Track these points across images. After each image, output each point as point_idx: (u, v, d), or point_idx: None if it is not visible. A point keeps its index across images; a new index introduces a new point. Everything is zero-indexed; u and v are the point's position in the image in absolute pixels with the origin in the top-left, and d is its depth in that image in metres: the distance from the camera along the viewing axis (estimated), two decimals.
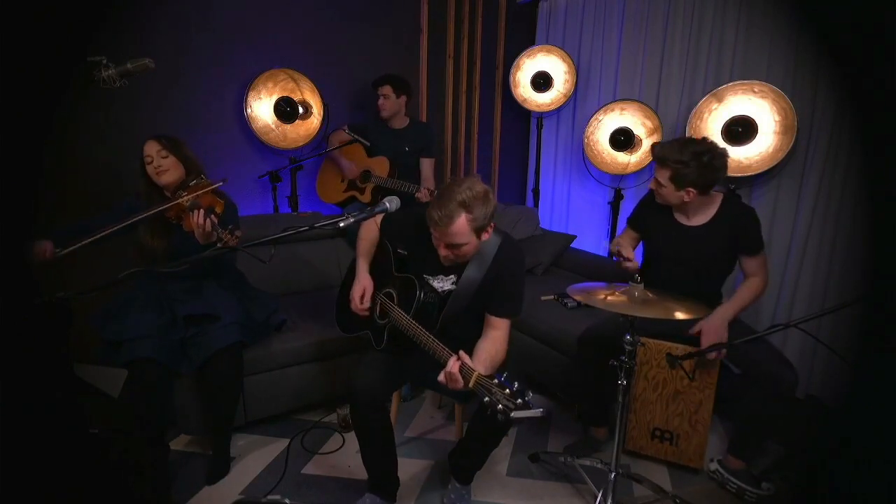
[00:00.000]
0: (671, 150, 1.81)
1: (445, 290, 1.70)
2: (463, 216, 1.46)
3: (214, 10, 2.68)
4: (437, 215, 1.47)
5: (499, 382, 1.27)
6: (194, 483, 1.91)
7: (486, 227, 1.54)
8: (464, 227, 1.48)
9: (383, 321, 1.77)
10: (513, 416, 1.21)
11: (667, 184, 1.85)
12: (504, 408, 1.22)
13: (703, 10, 2.75)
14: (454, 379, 1.38)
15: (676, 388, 1.95)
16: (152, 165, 1.87)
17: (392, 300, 1.77)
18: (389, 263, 1.85)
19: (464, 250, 1.54)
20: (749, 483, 1.86)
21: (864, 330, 2.11)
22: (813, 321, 1.58)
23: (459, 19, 3.47)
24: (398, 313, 1.68)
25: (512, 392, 1.24)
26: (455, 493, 1.83)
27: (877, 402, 1.44)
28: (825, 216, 2.38)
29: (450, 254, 1.55)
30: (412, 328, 1.60)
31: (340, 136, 2.87)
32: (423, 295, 1.65)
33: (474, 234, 1.52)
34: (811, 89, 2.38)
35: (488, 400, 1.26)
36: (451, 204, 1.46)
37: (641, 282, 1.69)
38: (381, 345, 1.74)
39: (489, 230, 1.57)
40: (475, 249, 1.58)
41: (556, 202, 3.77)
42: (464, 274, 1.65)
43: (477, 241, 1.55)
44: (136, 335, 1.80)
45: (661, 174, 1.85)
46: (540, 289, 2.73)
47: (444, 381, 1.40)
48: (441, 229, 1.49)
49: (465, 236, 1.50)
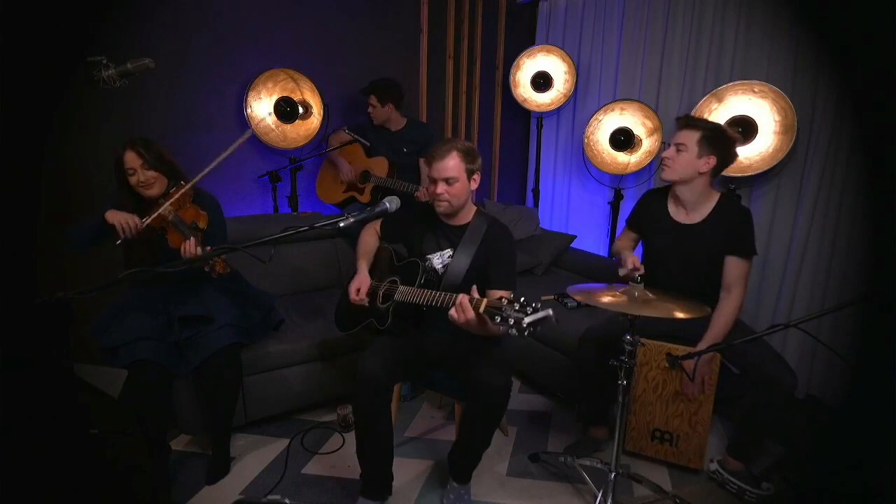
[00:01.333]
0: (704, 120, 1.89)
1: (444, 265, 1.82)
2: (457, 153, 1.73)
3: (214, 10, 2.68)
4: (438, 151, 1.73)
5: (507, 301, 1.36)
6: (194, 483, 1.91)
7: (474, 173, 1.77)
8: (458, 163, 1.72)
9: (386, 304, 1.82)
10: (526, 321, 1.28)
11: (692, 146, 1.84)
12: (516, 320, 1.30)
13: (703, 10, 2.75)
14: (465, 308, 1.48)
15: (676, 388, 1.95)
16: (136, 178, 1.79)
17: (396, 285, 1.83)
18: (390, 259, 1.95)
19: (456, 188, 1.74)
20: (749, 483, 1.85)
21: (864, 330, 2.11)
22: (813, 321, 1.58)
23: (459, 19, 3.47)
24: (403, 287, 1.78)
25: (520, 305, 1.32)
26: (454, 492, 1.83)
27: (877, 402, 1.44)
28: (825, 216, 2.38)
29: (444, 191, 1.73)
30: (417, 293, 1.71)
31: (340, 137, 2.87)
32: (424, 276, 1.79)
33: (465, 174, 1.74)
34: (811, 89, 2.38)
35: (500, 318, 1.35)
36: (448, 144, 1.74)
37: (641, 282, 1.69)
38: (386, 324, 1.80)
39: (476, 180, 1.78)
40: (465, 195, 1.77)
41: (556, 202, 3.77)
42: (459, 247, 1.80)
43: (467, 183, 1.76)
44: (133, 338, 1.79)
45: (689, 136, 1.85)
46: (540, 289, 2.73)
47: (454, 316, 1.50)
48: (440, 163, 1.72)
49: (458, 171, 1.72)
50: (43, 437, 1.22)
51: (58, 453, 1.24)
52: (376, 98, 2.80)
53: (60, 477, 1.22)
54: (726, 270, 1.89)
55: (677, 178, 1.91)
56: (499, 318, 1.35)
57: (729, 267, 1.88)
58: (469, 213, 1.84)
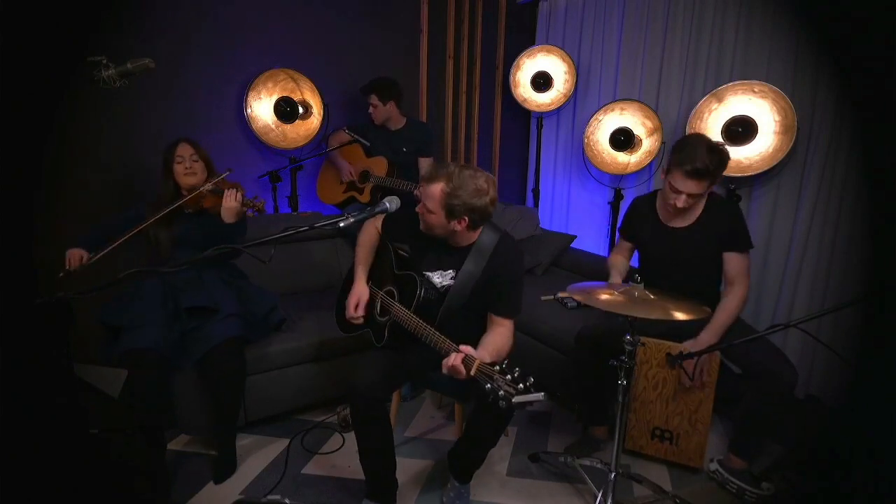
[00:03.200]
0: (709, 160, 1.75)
1: (444, 286, 1.72)
2: (441, 184, 1.54)
3: (214, 10, 2.68)
4: (428, 173, 1.58)
5: (500, 369, 1.29)
6: (194, 483, 1.91)
7: (461, 216, 1.57)
8: (436, 194, 1.54)
9: (384, 318, 1.78)
10: (515, 400, 1.22)
11: (704, 192, 1.82)
12: (506, 393, 1.24)
13: (703, 10, 2.75)
14: (456, 370, 1.40)
15: (676, 387, 1.95)
16: (183, 165, 2.00)
17: (393, 298, 1.78)
18: (390, 263, 1.87)
19: (429, 219, 1.60)
20: (749, 483, 1.86)
21: (864, 330, 2.11)
22: (813, 321, 1.58)
23: (459, 19, 3.47)
24: (399, 309, 1.70)
25: (513, 378, 1.26)
26: (454, 491, 1.83)
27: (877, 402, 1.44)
28: (825, 216, 2.38)
29: (423, 212, 1.61)
30: (413, 323, 1.62)
31: (340, 137, 2.87)
32: (423, 292, 1.67)
33: (443, 210, 1.55)
34: (811, 89, 2.38)
35: (490, 387, 1.28)
36: (441, 169, 1.56)
37: (641, 282, 1.69)
38: (382, 341, 1.75)
39: (463, 223, 1.59)
40: (441, 228, 1.62)
41: (556, 202, 3.77)
42: (462, 268, 1.68)
43: (444, 220, 1.58)
44: (137, 324, 1.82)
45: (699, 186, 1.79)
46: (540, 289, 2.73)
47: (447, 371, 1.42)
48: (424, 185, 1.58)
49: (434, 204, 1.56)
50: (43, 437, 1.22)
51: (58, 453, 1.24)
52: (377, 97, 2.80)
53: (60, 477, 1.22)
54: (727, 267, 1.90)
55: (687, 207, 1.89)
56: (488, 385, 1.28)
57: (730, 263, 1.89)
58: (473, 236, 1.69)
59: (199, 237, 2.03)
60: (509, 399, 1.23)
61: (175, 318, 1.90)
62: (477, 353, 1.44)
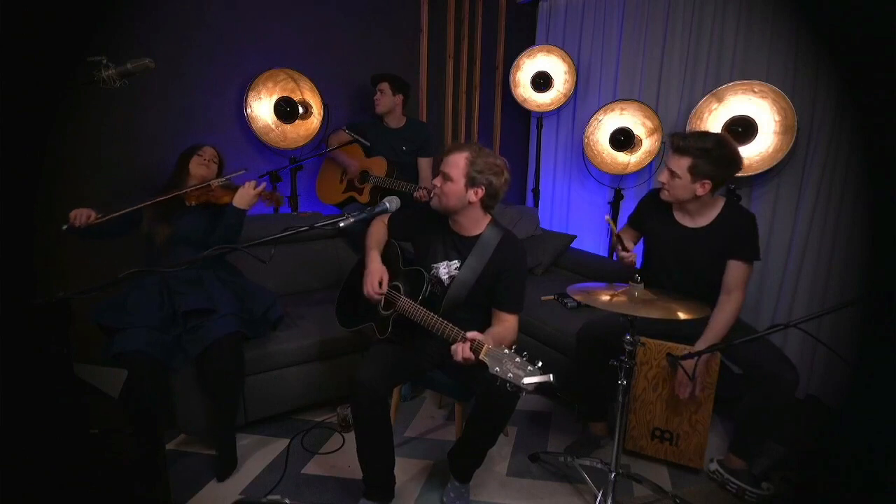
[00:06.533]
0: (693, 138, 1.79)
1: (450, 276, 1.76)
2: (466, 153, 1.64)
3: (214, 10, 2.68)
4: (454, 145, 1.69)
5: (508, 352, 1.31)
6: (194, 483, 1.91)
7: (479, 186, 1.66)
8: (460, 161, 1.64)
9: (387, 312, 1.79)
10: (525, 381, 1.24)
11: (684, 174, 1.80)
12: (515, 375, 1.26)
13: (703, 10, 2.75)
14: (468, 360, 1.44)
15: (673, 392, 1.95)
16: (202, 158, 2.15)
17: (399, 293, 1.80)
18: (396, 259, 1.90)
19: (446, 189, 1.67)
20: (749, 483, 1.85)
21: (864, 330, 2.11)
22: (813, 321, 1.58)
23: (459, 19, 3.47)
24: (405, 301, 1.73)
25: (521, 360, 1.28)
26: (454, 491, 1.83)
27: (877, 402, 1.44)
28: (825, 216, 2.38)
29: (439, 185, 1.68)
30: (420, 313, 1.65)
31: (340, 137, 2.87)
32: (429, 287, 1.73)
33: (464, 178, 1.64)
34: (811, 89, 2.38)
35: (498, 370, 1.30)
36: (467, 145, 1.68)
37: (641, 282, 1.69)
38: (386, 333, 1.77)
39: (480, 192, 1.67)
40: (456, 199, 1.68)
41: (556, 202, 3.76)
42: (466, 260, 1.73)
43: (462, 189, 1.66)
44: (128, 325, 1.82)
45: (679, 163, 1.80)
46: (540, 289, 2.73)
47: (460, 360, 1.45)
48: (447, 156, 1.68)
49: (457, 171, 1.64)
50: (43, 437, 1.21)
51: (58, 453, 1.24)
52: (389, 85, 2.81)
53: (60, 477, 1.22)
54: (728, 273, 1.88)
55: (676, 200, 1.91)
56: (497, 369, 1.30)
57: (731, 270, 1.87)
58: (480, 225, 1.76)
59: (199, 233, 2.05)
60: (518, 381, 1.25)
61: (171, 320, 1.90)
62: (483, 337, 1.46)
